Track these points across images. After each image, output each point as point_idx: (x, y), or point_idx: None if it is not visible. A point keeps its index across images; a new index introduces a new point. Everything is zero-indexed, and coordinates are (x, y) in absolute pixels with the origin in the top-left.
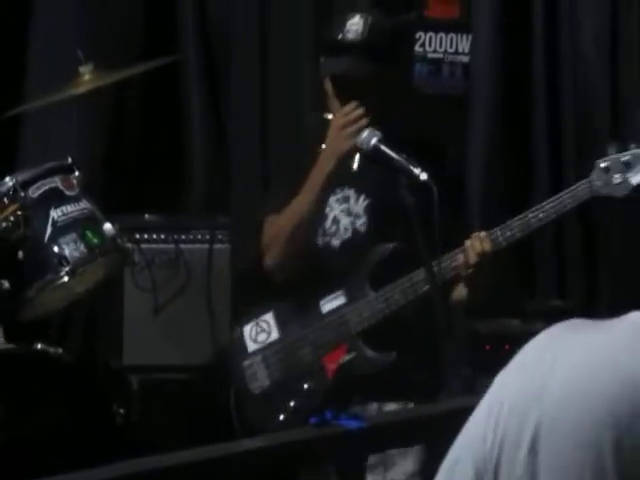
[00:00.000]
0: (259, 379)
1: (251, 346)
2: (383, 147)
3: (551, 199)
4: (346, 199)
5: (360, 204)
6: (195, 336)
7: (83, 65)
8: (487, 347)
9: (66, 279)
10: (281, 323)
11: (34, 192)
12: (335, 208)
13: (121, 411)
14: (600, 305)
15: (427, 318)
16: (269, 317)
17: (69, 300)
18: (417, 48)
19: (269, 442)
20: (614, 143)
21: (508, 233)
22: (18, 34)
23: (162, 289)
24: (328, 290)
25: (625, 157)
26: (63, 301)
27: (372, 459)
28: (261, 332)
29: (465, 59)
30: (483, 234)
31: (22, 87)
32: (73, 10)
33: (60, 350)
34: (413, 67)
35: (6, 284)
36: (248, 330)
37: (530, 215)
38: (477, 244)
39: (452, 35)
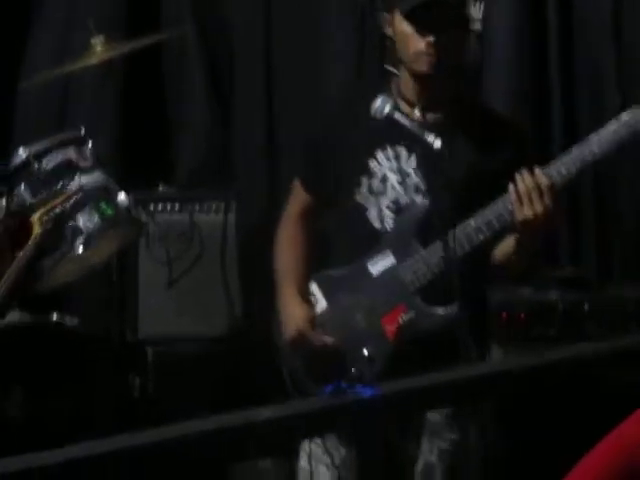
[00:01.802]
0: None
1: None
2: (397, 115)
3: (606, 130)
4: (397, 157)
5: (411, 162)
6: (210, 307)
7: (94, 36)
8: (503, 315)
9: (80, 250)
10: (327, 291)
11: (48, 163)
12: (385, 165)
13: (137, 382)
14: (613, 273)
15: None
16: (314, 287)
17: (84, 271)
18: None
19: (285, 411)
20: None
21: (564, 171)
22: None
23: (177, 260)
24: (374, 250)
25: None
26: (78, 272)
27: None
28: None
29: (478, 26)
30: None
31: (31, 60)
32: None
33: (75, 321)
34: None
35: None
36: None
37: (586, 150)
38: (527, 177)
39: None
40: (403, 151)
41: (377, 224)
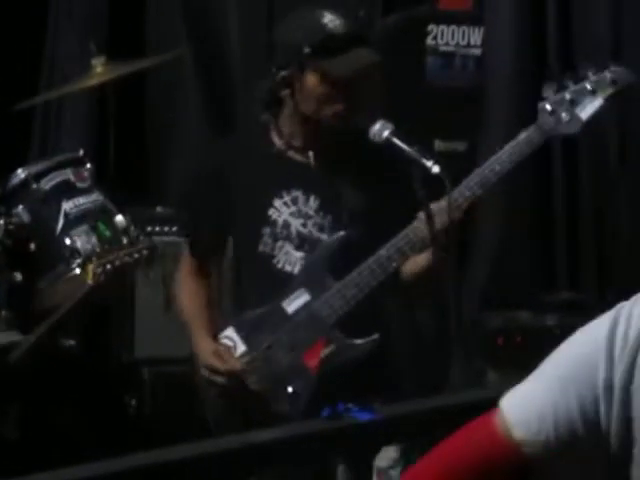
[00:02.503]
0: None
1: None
2: (395, 139)
3: (505, 149)
4: (294, 201)
5: (310, 204)
6: None
7: (95, 57)
8: (499, 340)
9: (78, 271)
10: (245, 333)
11: (46, 184)
12: (284, 212)
13: (133, 403)
14: (612, 298)
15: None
16: (230, 332)
17: (81, 292)
18: (429, 41)
19: (281, 434)
20: (549, 84)
21: (467, 193)
22: (35, 27)
23: (173, 281)
24: (288, 291)
25: (568, 95)
26: (75, 293)
27: None
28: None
29: (477, 52)
30: (442, 204)
31: (38, 79)
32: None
33: (72, 342)
34: (425, 60)
35: (18, 276)
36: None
37: (487, 169)
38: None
39: (464, 28)
40: (300, 194)
41: (287, 267)
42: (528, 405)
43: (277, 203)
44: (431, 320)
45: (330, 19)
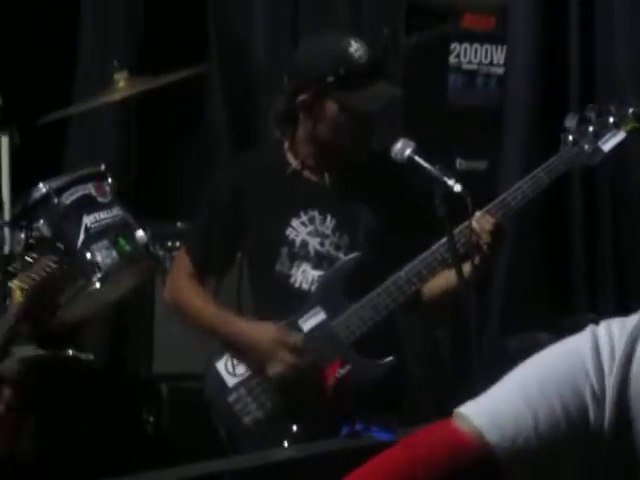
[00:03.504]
0: (250, 412)
1: (231, 380)
2: (417, 158)
3: (527, 178)
4: (312, 220)
5: (327, 224)
6: None
7: (118, 72)
8: (520, 361)
9: (98, 286)
10: None
11: (67, 198)
12: (301, 231)
13: (151, 419)
14: None
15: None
16: None
17: (100, 307)
18: (451, 59)
19: (301, 453)
20: (573, 115)
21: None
22: (66, 41)
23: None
24: (304, 309)
25: (591, 127)
26: (94, 308)
27: None
28: (238, 364)
29: (500, 70)
30: (484, 213)
31: (66, 92)
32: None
33: (91, 357)
34: (447, 78)
35: None
36: (222, 365)
37: (509, 197)
38: (484, 222)
39: (487, 46)
40: (316, 214)
41: (305, 286)
42: (500, 410)
43: (294, 223)
44: (450, 340)
45: (355, 48)
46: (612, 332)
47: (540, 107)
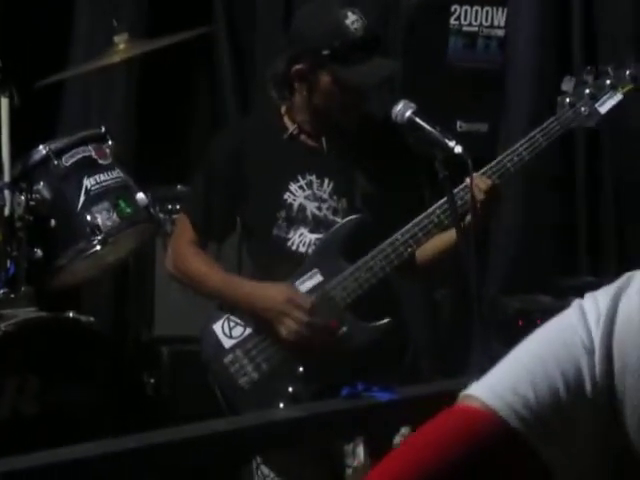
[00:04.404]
0: (246, 373)
1: (227, 342)
2: (418, 119)
3: (523, 140)
4: (309, 185)
5: (325, 188)
6: None
7: (118, 34)
8: (520, 322)
9: (98, 248)
10: None
11: (67, 160)
12: (299, 195)
13: (151, 381)
14: None
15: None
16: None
17: (101, 269)
18: (452, 21)
19: (301, 412)
20: (570, 78)
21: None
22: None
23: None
24: (301, 271)
25: (587, 90)
26: (95, 270)
27: None
28: (235, 326)
29: (500, 32)
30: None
31: (67, 55)
32: None
33: (92, 319)
34: (447, 41)
35: (39, 252)
36: (219, 327)
37: (505, 159)
38: (480, 183)
39: (487, 8)
40: (314, 178)
41: (301, 249)
42: (501, 380)
43: (292, 187)
44: (450, 301)
45: (352, 20)
46: (597, 299)
47: (541, 69)
